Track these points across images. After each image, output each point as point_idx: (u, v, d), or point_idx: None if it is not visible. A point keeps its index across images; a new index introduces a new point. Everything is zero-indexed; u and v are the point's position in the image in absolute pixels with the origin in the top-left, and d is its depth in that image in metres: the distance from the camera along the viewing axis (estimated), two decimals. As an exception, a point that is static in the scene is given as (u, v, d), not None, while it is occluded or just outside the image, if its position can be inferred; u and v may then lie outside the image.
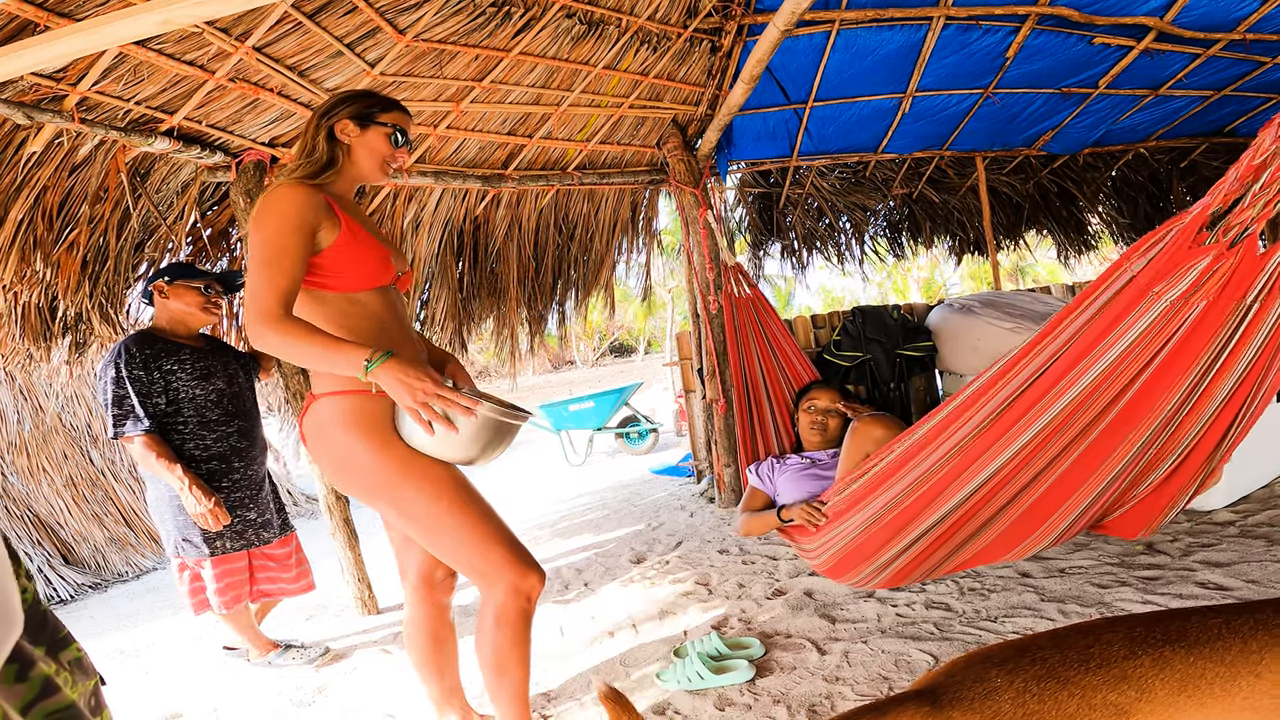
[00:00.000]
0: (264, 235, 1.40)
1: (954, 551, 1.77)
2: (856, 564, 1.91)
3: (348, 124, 1.58)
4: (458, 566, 1.51)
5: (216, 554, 2.43)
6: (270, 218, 1.41)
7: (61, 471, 5.14)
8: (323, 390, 1.51)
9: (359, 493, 1.50)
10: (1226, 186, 1.17)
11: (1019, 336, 3.46)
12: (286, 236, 1.39)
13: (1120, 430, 1.40)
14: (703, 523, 3.85)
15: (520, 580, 1.46)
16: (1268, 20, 3.47)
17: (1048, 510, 1.56)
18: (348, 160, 1.60)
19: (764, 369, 3.50)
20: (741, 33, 3.31)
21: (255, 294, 1.36)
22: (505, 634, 1.46)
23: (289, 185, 1.46)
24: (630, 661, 2.24)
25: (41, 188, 2.56)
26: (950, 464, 1.62)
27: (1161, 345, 1.30)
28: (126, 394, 2.33)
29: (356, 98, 1.61)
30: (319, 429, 1.51)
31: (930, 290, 19.10)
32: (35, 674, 0.55)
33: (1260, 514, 2.62)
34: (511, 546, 1.49)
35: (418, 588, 1.72)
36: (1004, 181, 5.38)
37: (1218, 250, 1.19)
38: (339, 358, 1.34)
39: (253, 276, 1.38)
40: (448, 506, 1.46)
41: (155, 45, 2.32)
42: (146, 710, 2.45)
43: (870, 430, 2.29)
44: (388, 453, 1.46)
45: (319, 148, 1.56)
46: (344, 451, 1.48)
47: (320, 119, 1.58)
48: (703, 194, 3.82)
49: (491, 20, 2.83)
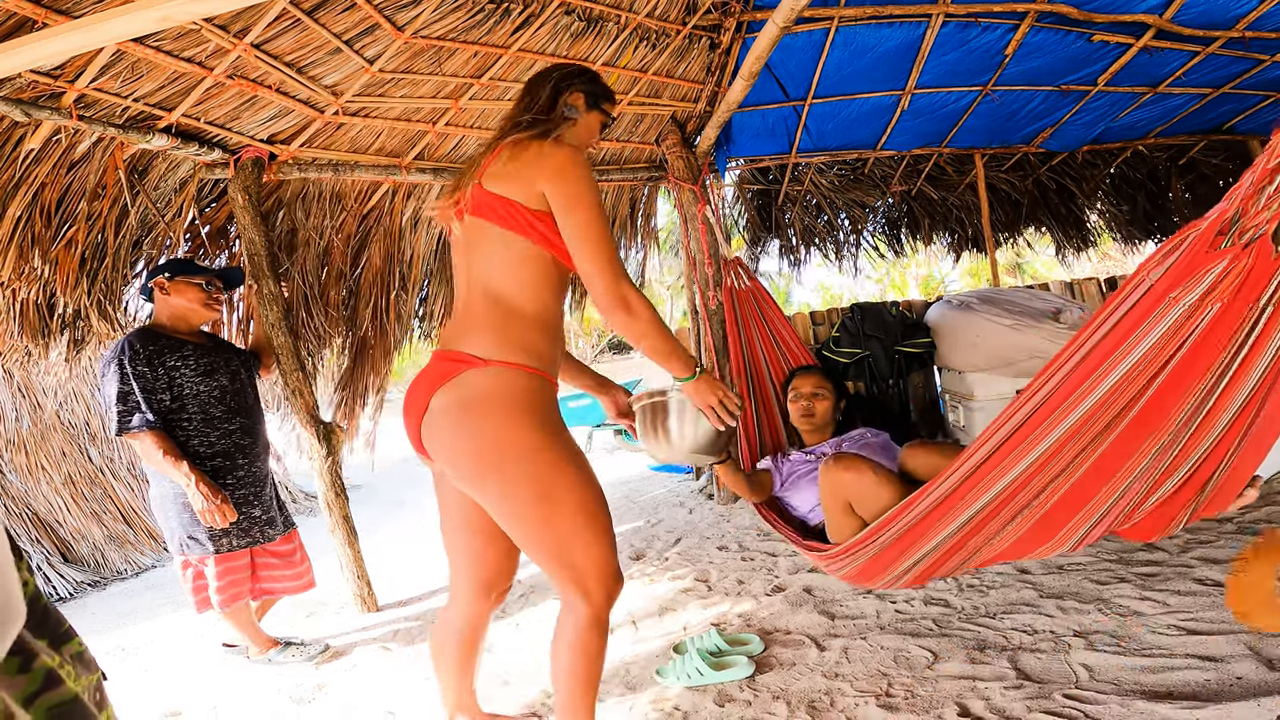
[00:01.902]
0: (591, 200, 1.37)
1: (972, 555, 1.77)
2: (875, 573, 1.91)
3: (580, 98, 1.59)
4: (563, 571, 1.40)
5: (221, 551, 2.43)
6: (587, 183, 1.39)
7: (60, 469, 5.13)
8: (493, 356, 1.37)
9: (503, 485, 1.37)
10: (1243, 191, 1.16)
11: (1018, 333, 3.46)
12: (603, 205, 1.42)
13: (1137, 436, 1.40)
14: (702, 519, 3.86)
15: (616, 588, 1.44)
16: (1267, 18, 3.47)
17: (1065, 516, 1.56)
18: (569, 130, 1.59)
19: (768, 359, 3.49)
20: (740, 29, 3.30)
21: (615, 260, 1.36)
22: (596, 638, 1.41)
23: (579, 151, 1.45)
24: (630, 658, 2.24)
25: (39, 185, 2.55)
26: (969, 478, 1.61)
27: (1175, 350, 1.30)
28: (131, 390, 2.31)
29: (592, 76, 1.63)
30: (474, 405, 1.36)
31: (929, 287, 19.10)
32: (38, 666, 0.55)
33: (1259, 511, 2.64)
34: (615, 556, 1.45)
35: (474, 594, 1.61)
36: (1003, 178, 5.38)
37: (1233, 253, 1.19)
38: (682, 353, 1.47)
39: (600, 240, 1.36)
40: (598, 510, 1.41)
41: (153, 42, 2.31)
42: (146, 708, 2.45)
43: (836, 475, 2.02)
44: (560, 443, 1.40)
45: (559, 109, 1.55)
46: (510, 436, 1.35)
47: (558, 82, 1.57)
48: (701, 191, 3.82)
49: (490, 17, 2.82)
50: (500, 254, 1.42)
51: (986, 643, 1.97)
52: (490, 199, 1.43)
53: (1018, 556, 1.72)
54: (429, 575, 3.55)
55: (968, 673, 1.82)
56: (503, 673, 2.25)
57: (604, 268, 1.36)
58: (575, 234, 1.37)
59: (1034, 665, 1.81)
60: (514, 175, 1.42)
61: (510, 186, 1.42)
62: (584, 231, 1.37)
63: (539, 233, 1.41)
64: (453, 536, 1.61)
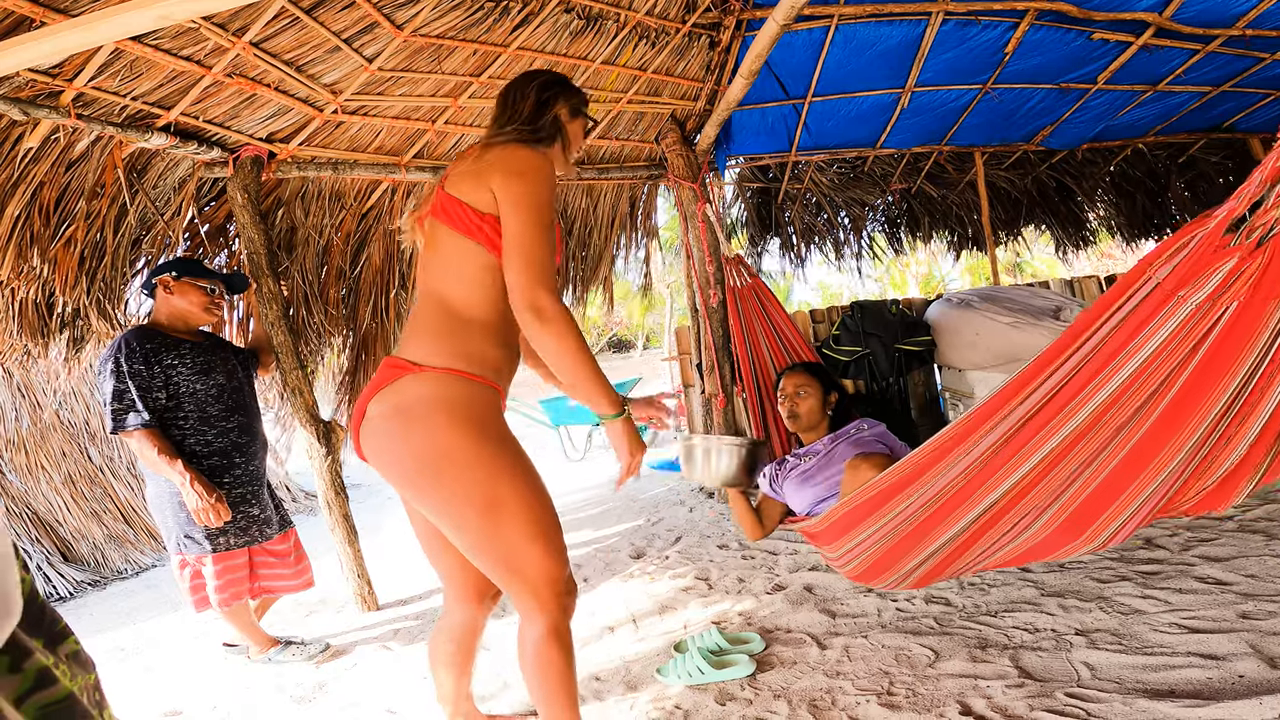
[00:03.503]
0: (542, 199, 1.34)
1: (985, 554, 1.77)
2: (884, 570, 1.91)
3: (565, 109, 1.58)
4: (514, 581, 1.37)
5: (219, 550, 2.43)
6: (540, 185, 1.35)
7: (60, 469, 5.12)
8: (431, 363, 1.35)
9: (443, 492, 1.34)
10: (1250, 189, 1.17)
11: (1018, 331, 3.46)
12: (552, 210, 1.37)
13: (1164, 434, 1.40)
14: (702, 518, 3.86)
15: (569, 600, 1.42)
16: (1267, 16, 3.46)
17: (1090, 514, 1.56)
18: (561, 143, 1.59)
19: (773, 356, 3.48)
20: (740, 28, 3.29)
21: (542, 262, 1.30)
22: (557, 651, 1.39)
23: (544, 156, 1.42)
24: (630, 657, 2.24)
25: (38, 183, 2.54)
26: (974, 471, 1.61)
27: (1194, 347, 1.31)
28: (126, 389, 2.31)
29: (571, 86, 1.62)
30: (409, 411, 1.33)
31: (929, 285, 19.10)
32: (30, 665, 0.55)
33: (1258, 509, 2.64)
34: (567, 567, 1.42)
35: (469, 601, 1.61)
36: (1002, 177, 5.37)
37: (1243, 252, 1.19)
38: (605, 388, 1.35)
39: (531, 244, 1.30)
40: (545, 518, 1.38)
41: (151, 41, 2.30)
42: (146, 707, 2.45)
43: (861, 474, 2.17)
44: (505, 450, 1.36)
45: (546, 121, 1.54)
46: (447, 442, 1.31)
47: (540, 92, 1.55)
48: (701, 189, 3.82)
49: (489, 15, 2.82)
50: (454, 258, 1.40)
51: (988, 641, 1.96)
52: (445, 200, 1.41)
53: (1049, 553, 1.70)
54: (429, 574, 3.55)
55: (969, 671, 1.82)
56: (502, 673, 2.24)
57: (524, 269, 1.30)
58: (509, 233, 1.33)
59: (1035, 663, 1.81)
60: (471, 174, 1.40)
61: (464, 187, 1.40)
62: (518, 231, 1.32)
63: (485, 235, 1.37)
64: (429, 548, 1.59)
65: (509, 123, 1.52)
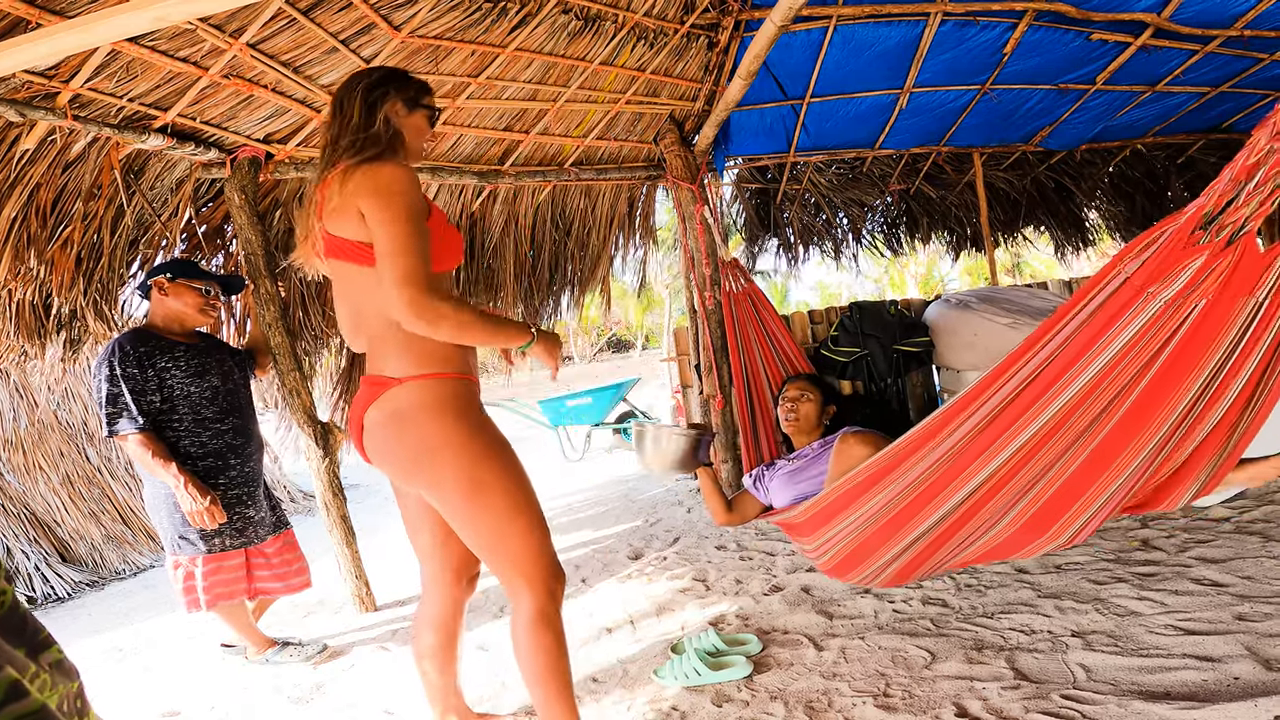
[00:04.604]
0: (399, 213, 1.37)
1: (957, 550, 1.78)
2: (857, 563, 1.92)
3: (398, 105, 1.57)
4: (501, 560, 1.47)
5: (214, 551, 2.43)
6: (398, 197, 1.38)
7: (58, 469, 5.12)
8: (407, 373, 1.46)
9: (435, 478, 1.45)
10: (1221, 187, 1.17)
11: (1016, 332, 3.46)
12: (419, 218, 1.39)
13: (1130, 430, 1.41)
14: (700, 519, 3.86)
15: (556, 584, 1.50)
16: (1265, 17, 3.47)
17: (1056, 511, 1.57)
18: (401, 142, 1.58)
19: (766, 365, 3.49)
20: (738, 28, 3.30)
21: (416, 272, 1.34)
22: (548, 636, 1.45)
23: (400, 165, 1.43)
24: (628, 658, 2.24)
25: (35, 185, 2.54)
26: (947, 464, 1.63)
27: (1163, 344, 1.31)
28: (121, 392, 2.31)
29: (400, 78, 1.60)
30: (400, 415, 1.45)
31: (928, 286, 19.12)
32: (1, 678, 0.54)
33: (1255, 510, 2.64)
34: (552, 549, 1.52)
35: (446, 583, 1.69)
36: (1001, 177, 5.37)
37: (1212, 250, 1.19)
38: (510, 329, 1.49)
39: (403, 255, 1.34)
40: (525, 498, 1.49)
41: (148, 42, 2.30)
42: (144, 708, 2.45)
43: (852, 450, 2.26)
44: (483, 436, 1.48)
45: (378, 126, 1.52)
46: (434, 436, 1.44)
47: (366, 95, 1.53)
48: (700, 190, 3.82)
49: (487, 16, 2.82)
50: (369, 286, 1.45)
51: (984, 643, 1.97)
52: (334, 242, 1.45)
53: (1010, 552, 1.72)
54: (427, 575, 3.55)
55: (965, 673, 1.82)
56: (501, 674, 2.24)
57: (401, 282, 1.33)
58: (378, 253, 1.37)
59: (1031, 665, 1.81)
60: (343, 209, 1.42)
61: (343, 224, 1.43)
62: (388, 245, 1.35)
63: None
64: (416, 534, 1.69)
65: (341, 133, 1.50)
